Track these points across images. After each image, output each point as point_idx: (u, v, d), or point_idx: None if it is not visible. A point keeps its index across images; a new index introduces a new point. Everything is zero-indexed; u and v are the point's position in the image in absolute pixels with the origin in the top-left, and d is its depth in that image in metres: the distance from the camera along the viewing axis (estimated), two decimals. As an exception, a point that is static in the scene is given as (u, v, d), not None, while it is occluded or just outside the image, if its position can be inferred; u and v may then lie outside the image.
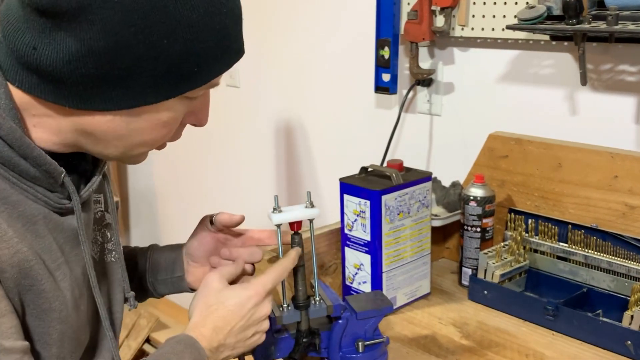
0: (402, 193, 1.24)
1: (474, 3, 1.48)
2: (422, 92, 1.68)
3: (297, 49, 2.05)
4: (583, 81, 1.29)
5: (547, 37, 1.39)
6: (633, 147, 1.33)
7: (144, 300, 1.13)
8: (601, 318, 1.13)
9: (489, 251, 1.31)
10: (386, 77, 1.67)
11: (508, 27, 1.30)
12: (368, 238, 1.23)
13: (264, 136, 2.24)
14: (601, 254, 1.23)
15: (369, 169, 1.29)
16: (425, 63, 1.64)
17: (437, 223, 1.41)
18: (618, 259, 1.21)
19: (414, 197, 1.27)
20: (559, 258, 1.30)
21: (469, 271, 1.35)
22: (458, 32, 1.53)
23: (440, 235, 1.50)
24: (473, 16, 1.49)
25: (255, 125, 2.28)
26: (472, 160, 1.51)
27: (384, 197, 1.21)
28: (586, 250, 1.26)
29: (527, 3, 1.36)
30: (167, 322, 2.75)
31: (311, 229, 1.01)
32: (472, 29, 1.50)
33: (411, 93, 1.69)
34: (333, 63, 1.94)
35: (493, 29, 1.46)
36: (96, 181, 0.87)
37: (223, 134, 2.39)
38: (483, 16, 1.47)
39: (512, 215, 1.36)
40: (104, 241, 0.97)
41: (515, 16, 1.30)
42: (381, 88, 1.69)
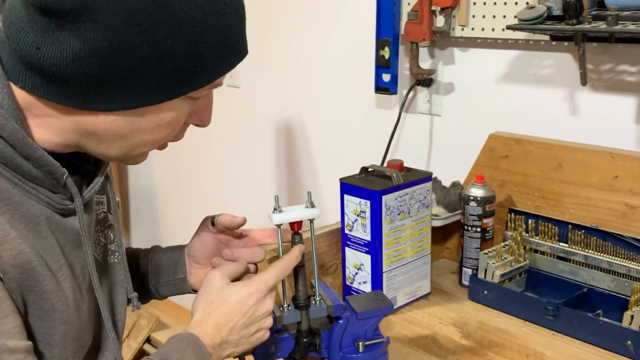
0: (403, 193, 1.24)
1: (474, 3, 1.48)
2: (423, 92, 1.68)
3: (298, 49, 2.05)
4: (583, 81, 1.29)
5: (547, 38, 1.40)
6: (633, 147, 1.33)
7: (147, 302, 1.12)
8: (601, 318, 1.13)
9: (489, 251, 1.31)
10: (386, 77, 1.67)
11: (508, 28, 1.30)
12: (368, 238, 1.23)
13: (265, 136, 2.24)
14: (601, 254, 1.23)
15: (370, 169, 1.29)
16: (425, 63, 1.64)
17: (438, 223, 1.41)
18: (618, 259, 1.21)
19: (415, 197, 1.27)
20: (559, 258, 1.30)
21: (469, 271, 1.35)
22: (458, 32, 1.53)
23: (440, 235, 1.50)
24: (473, 16, 1.49)
25: (255, 125, 2.28)
26: (473, 160, 1.51)
27: (385, 197, 1.21)
28: (586, 250, 1.26)
29: (527, 3, 1.36)
30: (168, 322, 2.75)
31: (311, 229, 1.01)
32: (472, 29, 1.50)
33: (411, 93, 1.69)
34: (333, 63, 1.94)
35: (493, 29, 1.46)
36: (98, 182, 0.87)
37: (223, 134, 2.39)
38: (483, 16, 1.47)
39: (513, 215, 1.36)
40: (107, 242, 0.97)
41: (515, 16, 1.30)
42: (381, 88, 1.69)
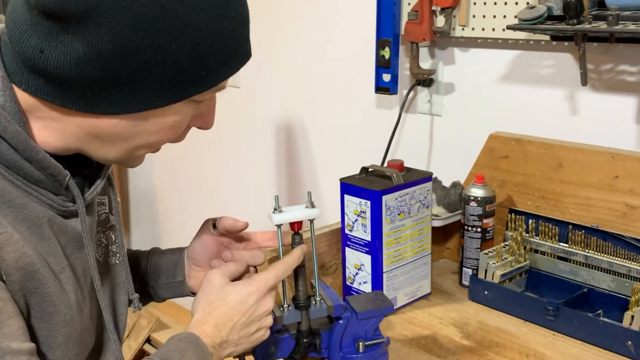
0: (403, 193, 1.24)
1: (475, 3, 1.48)
2: (423, 93, 1.68)
3: (298, 50, 2.05)
4: (583, 81, 1.28)
5: (548, 37, 1.39)
6: (634, 147, 1.33)
7: (146, 304, 1.12)
8: (602, 318, 1.13)
9: (490, 251, 1.31)
10: (387, 78, 1.67)
11: (508, 27, 1.30)
12: (368, 238, 1.23)
13: (265, 136, 2.24)
14: (601, 254, 1.23)
15: (370, 169, 1.29)
16: (425, 63, 1.64)
17: (438, 223, 1.41)
18: (618, 259, 1.21)
19: (415, 198, 1.27)
20: (560, 258, 1.30)
21: (470, 271, 1.35)
22: (458, 32, 1.53)
23: (440, 235, 1.50)
24: (473, 16, 1.49)
25: (255, 125, 2.28)
26: (473, 160, 1.51)
27: (385, 198, 1.21)
28: (587, 250, 1.26)
29: (528, 3, 1.36)
30: (168, 323, 2.75)
31: (312, 229, 1.01)
32: (473, 29, 1.50)
33: (412, 93, 1.69)
34: (334, 63, 1.94)
35: (493, 29, 1.46)
36: (100, 184, 0.87)
37: (224, 134, 2.39)
38: (483, 16, 1.47)
39: (513, 215, 1.36)
40: (108, 243, 0.97)
41: (515, 16, 1.30)
42: (382, 88, 1.69)
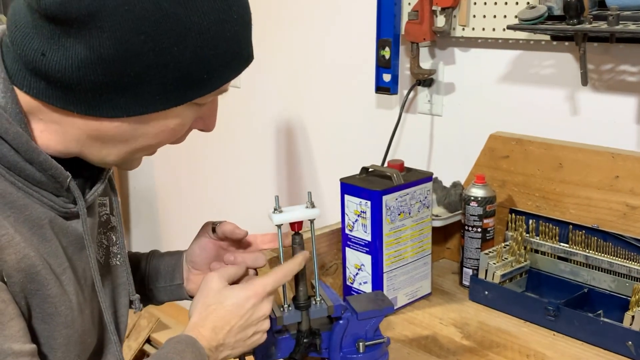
0: (403, 193, 1.24)
1: (475, 3, 1.48)
2: (423, 93, 1.68)
3: (298, 50, 2.05)
4: (584, 81, 1.28)
5: (548, 37, 1.39)
6: (634, 148, 1.33)
7: (145, 306, 1.12)
8: (602, 318, 1.13)
9: (490, 251, 1.31)
10: (387, 78, 1.67)
11: (509, 27, 1.30)
12: (369, 238, 1.23)
13: (265, 136, 2.24)
14: (602, 255, 1.23)
15: (370, 169, 1.29)
16: (426, 63, 1.64)
17: (438, 223, 1.40)
18: (619, 260, 1.21)
19: (415, 198, 1.27)
20: (560, 258, 1.30)
21: (470, 271, 1.35)
22: (459, 32, 1.53)
23: (441, 235, 1.50)
24: (474, 16, 1.49)
25: (256, 125, 2.28)
26: (473, 160, 1.50)
27: (385, 198, 1.21)
28: (587, 250, 1.25)
29: (528, 3, 1.36)
30: (168, 323, 2.75)
31: (312, 230, 1.01)
32: (473, 29, 1.50)
33: (412, 93, 1.69)
34: (334, 63, 1.94)
35: (494, 29, 1.46)
36: (101, 186, 0.87)
37: (224, 134, 2.39)
38: (484, 16, 1.47)
39: (513, 215, 1.36)
40: (109, 244, 0.96)
41: (516, 16, 1.30)
42: (382, 88, 1.69)
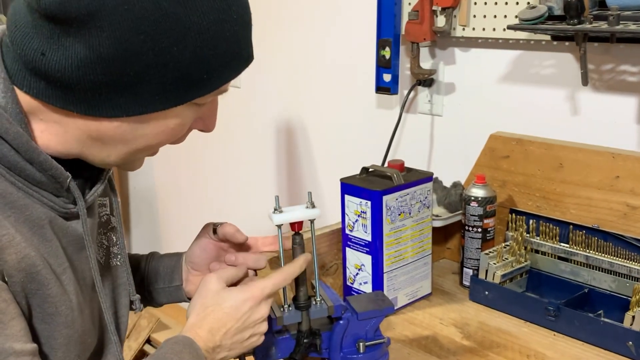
0: (403, 193, 1.24)
1: (475, 3, 1.48)
2: (423, 93, 1.68)
3: (299, 50, 2.05)
4: (584, 81, 1.28)
5: (548, 37, 1.39)
6: (634, 148, 1.33)
7: (144, 307, 1.12)
8: (602, 319, 1.13)
9: (490, 252, 1.31)
10: (387, 78, 1.67)
11: (509, 27, 1.30)
12: (369, 238, 1.23)
13: (265, 136, 2.24)
14: (602, 255, 1.23)
15: (370, 170, 1.29)
16: (426, 63, 1.64)
17: (438, 223, 1.40)
18: (619, 260, 1.21)
19: (415, 198, 1.27)
20: (560, 258, 1.30)
21: (470, 272, 1.34)
22: (459, 32, 1.52)
23: (441, 235, 1.50)
24: (474, 16, 1.49)
25: (256, 125, 2.27)
26: (473, 160, 1.50)
27: (385, 198, 1.21)
28: (587, 250, 1.25)
29: (528, 3, 1.36)
30: (168, 323, 2.75)
31: (312, 230, 1.01)
32: (473, 29, 1.49)
33: (412, 93, 1.69)
34: (334, 63, 1.93)
35: (494, 29, 1.46)
36: (101, 186, 0.87)
37: (224, 134, 2.39)
38: (484, 16, 1.47)
39: (513, 215, 1.36)
40: (110, 245, 0.96)
41: (516, 16, 1.30)
42: (382, 88, 1.69)
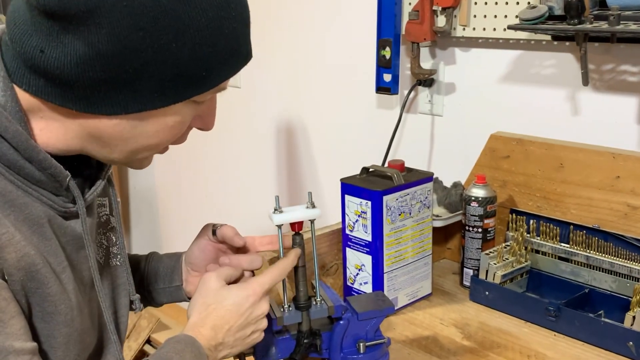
0: (404, 193, 1.24)
1: (475, 3, 1.48)
2: (424, 93, 1.68)
3: (299, 49, 2.04)
4: (585, 81, 1.28)
5: (549, 37, 1.39)
6: (635, 148, 1.33)
7: (144, 307, 1.12)
8: (603, 319, 1.13)
9: (491, 252, 1.31)
10: (387, 78, 1.67)
11: (509, 27, 1.30)
12: (369, 239, 1.23)
13: (265, 136, 2.24)
14: (603, 255, 1.23)
15: (370, 170, 1.29)
16: (426, 63, 1.63)
17: (439, 224, 1.40)
18: (620, 260, 1.21)
19: (415, 198, 1.27)
20: (561, 259, 1.30)
21: (471, 272, 1.34)
22: (459, 32, 1.52)
23: (441, 235, 1.50)
24: (474, 16, 1.49)
25: (256, 125, 2.27)
26: (474, 160, 1.50)
27: (385, 198, 1.21)
28: (588, 251, 1.25)
29: (529, 3, 1.36)
30: (168, 323, 2.75)
31: (312, 230, 1.01)
32: (474, 29, 1.49)
33: (412, 93, 1.69)
34: (334, 63, 1.93)
35: (494, 29, 1.46)
36: (100, 185, 0.87)
37: (224, 134, 2.39)
38: (484, 16, 1.47)
39: (514, 215, 1.36)
40: (109, 245, 0.96)
41: (516, 16, 1.29)
42: (382, 88, 1.69)
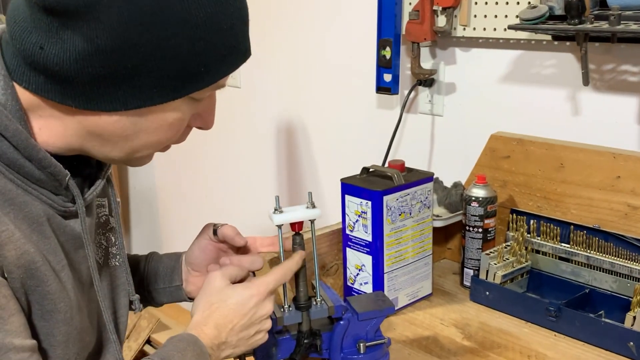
0: (404, 193, 1.24)
1: (476, 3, 1.48)
2: (424, 93, 1.68)
3: (299, 49, 2.04)
4: (585, 81, 1.28)
5: (549, 37, 1.39)
6: (635, 148, 1.33)
7: (144, 308, 1.12)
8: (603, 319, 1.13)
9: (491, 252, 1.31)
10: (388, 78, 1.67)
11: (510, 27, 1.30)
12: (369, 239, 1.23)
13: (265, 136, 2.24)
14: (603, 255, 1.23)
15: (371, 170, 1.29)
16: (426, 63, 1.63)
17: (439, 224, 1.40)
18: (620, 260, 1.20)
19: (416, 198, 1.26)
20: (561, 259, 1.30)
21: (471, 272, 1.34)
22: (460, 32, 1.52)
23: (441, 236, 1.50)
24: (475, 16, 1.49)
25: (256, 125, 2.27)
26: (474, 160, 1.50)
27: (386, 198, 1.21)
28: (588, 251, 1.25)
29: (529, 3, 1.36)
30: (168, 324, 2.75)
31: (312, 230, 1.01)
32: (474, 29, 1.49)
33: (413, 93, 1.69)
34: (334, 63, 1.93)
35: (495, 29, 1.45)
36: (100, 185, 0.87)
37: (224, 134, 2.39)
38: (485, 16, 1.47)
39: (514, 215, 1.36)
40: (108, 245, 0.96)
41: (517, 16, 1.29)
42: (383, 88, 1.69)
